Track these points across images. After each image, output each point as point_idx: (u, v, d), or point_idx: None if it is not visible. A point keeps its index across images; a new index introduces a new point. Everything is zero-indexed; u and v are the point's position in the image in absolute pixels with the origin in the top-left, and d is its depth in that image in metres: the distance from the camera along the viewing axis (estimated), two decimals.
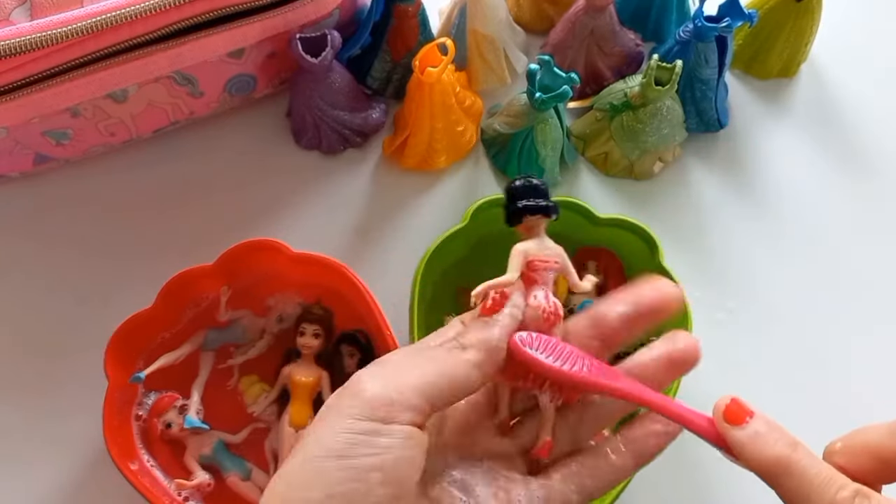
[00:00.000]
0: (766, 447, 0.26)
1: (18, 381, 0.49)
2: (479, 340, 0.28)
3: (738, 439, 0.27)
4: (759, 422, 0.27)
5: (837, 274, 0.53)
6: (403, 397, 0.26)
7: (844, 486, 0.26)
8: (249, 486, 0.45)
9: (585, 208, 0.48)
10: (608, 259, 0.49)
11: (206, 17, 0.46)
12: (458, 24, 0.54)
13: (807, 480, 0.26)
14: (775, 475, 0.26)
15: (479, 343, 0.28)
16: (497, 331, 0.29)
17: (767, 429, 0.27)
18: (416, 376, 0.27)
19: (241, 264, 0.46)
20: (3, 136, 0.48)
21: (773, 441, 0.27)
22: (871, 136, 0.58)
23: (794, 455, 0.26)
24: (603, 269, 0.49)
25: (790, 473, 0.26)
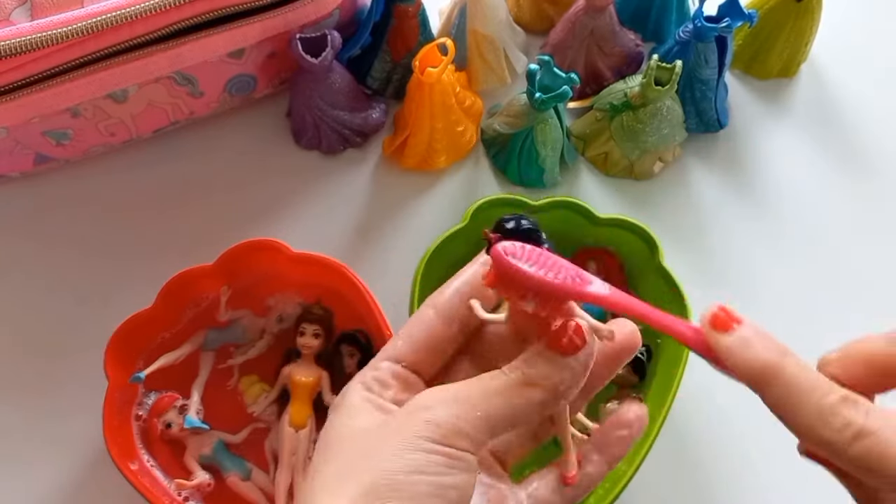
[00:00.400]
0: (755, 353, 0.26)
1: (18, 381, 0.49)
2: (550, 384, 0.27)
3: (726, 346, 0.26)
4: (747, 328, 0.26)
5: (837, 273, 0.53)
6: (473, 430, 0.26)
7: (832, 391, 0.25)
8: (249, 486, 0.45)
9: (585, 208, 0.48)
10: (608, 259, 0.49)
11: (206, 17, 0.46)
12: (458, 24, 0.54)
13: (794, 386, 0.25)
14: (763, 382, 0.26)
15: (549, 386, 0.27)
16: (569, 377, 0.28)
17: (756, 335, 0.26)
18: (483, 409, 0.27)
19: (241, 264, 0.46)
20: (4, 136, 0.48)
21: (762, 348, 0.26)
22: (871, 136, 0.58)
23: (782, 361, 0.26)
24: (603, 270, 0.49)
25: (777, 380, 0.25)
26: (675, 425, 0.47)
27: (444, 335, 0.31)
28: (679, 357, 0.44)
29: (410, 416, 0.27)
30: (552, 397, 0.27)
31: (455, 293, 0.31)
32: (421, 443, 0.26)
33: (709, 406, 0.49)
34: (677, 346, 0.44)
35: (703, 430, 0.48)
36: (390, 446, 0.26)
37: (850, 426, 0.25)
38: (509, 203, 0.48)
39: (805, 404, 0.25)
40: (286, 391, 0.46)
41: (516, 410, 0.27)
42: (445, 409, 0.27)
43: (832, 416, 0.25)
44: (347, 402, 0.29)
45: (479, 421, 0.26)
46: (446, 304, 0.31)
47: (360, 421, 0.28)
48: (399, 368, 0.30)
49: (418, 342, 0.31)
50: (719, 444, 0.48)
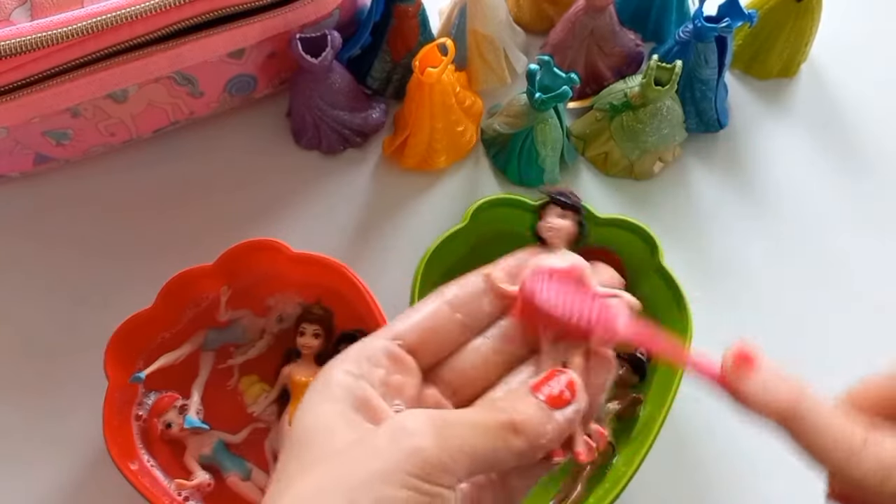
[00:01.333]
0: (776, 396, 0.27)
1: (19, 381, 0.49)
2: (533, 433, 0.27)
3: (748, 391, 0.27)
4: (766, 371, 0.27)
5: (838, 273, 0.53)
6: (456, 466, 0.25)
7: (857, 430, 0.26)
8: (249, 486, 0.45)
9: (585, 208, 0.48)
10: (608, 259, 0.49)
11: (206, 17, 0.46)
12: (458, 24, 0.54)
13: (817, 425, 0.26)
14: (787, 423, 0.26)
15: (531, 436, 0.27)
16: (551, 431, 0.27)
17: (776, 378, 0.27)
18: (469, 446, 0.26)
19: (241, 264, 0.46)
20: (4, 136, 0.48)
21: (784, 390, 0.27)
22: (871, 136, 0.58)
23: (803, 402, 0.26)
24: None
25: (800, 420, 0.26)
26: (675, 425, 0.47)
27: (448, 319, 0.30)
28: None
29: (395, 442, 0.25)
30: (530, 448, 0.27)
31: (468, 284, 0.30)
32: (405, 478, 0.24)
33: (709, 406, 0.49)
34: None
35: (703, 430, 0.48)
36: (370, 473, 0.24)
37: (880, 462, 0.25)
38: (509, 203, 0.48)
39: (830, 443, 0.25)
40: (286, 391, 0.46)
41: (497, 453, 0.26)
42: (433, 439, 0.25)
43: (860, 453, 0.25)
44: (324, 378, 0.28)
45: (464, 457, 0.25)
46: (455, 291, 0.30)
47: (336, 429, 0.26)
48: (395, 347, 0.29)
49: (419, 322, 0.30)
50: (719, 444, 0.48)
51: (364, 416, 0.27)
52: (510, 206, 0.48)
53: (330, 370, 0.28)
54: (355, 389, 0.27)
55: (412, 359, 0.29)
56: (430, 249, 0.46)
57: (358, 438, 0.26)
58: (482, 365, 0.30)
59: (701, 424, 0.48)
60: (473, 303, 0.30)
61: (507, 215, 0.48)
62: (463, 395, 0.30)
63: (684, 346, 0.29)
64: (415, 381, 0.29)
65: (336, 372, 0.28)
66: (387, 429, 0.26)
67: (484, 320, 0.30)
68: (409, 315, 0.30)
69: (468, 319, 0.30)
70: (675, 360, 0.28)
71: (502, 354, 0.30)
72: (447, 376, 0.30)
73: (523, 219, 0.48)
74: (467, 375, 0.30)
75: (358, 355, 0.28)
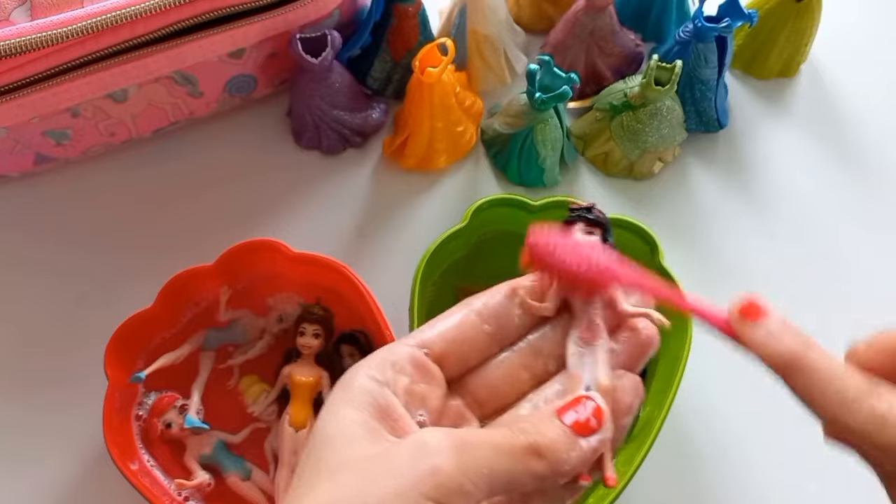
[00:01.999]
0: (780, 344, 0.27)
1: (18, 381, 0.49)
2: (555, 459, 0.26)
3: (752, 337, 0.27)
4: (773, 320, 0.27)
5: (838, 273, 0.53)
6: (475, 488, 0.25)
7: (856, 380, 0.26)
8: (249, 486, 0.45)
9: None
10: None
11: (206, 17, 0.46)
12: (458, 24, 0.54)
13: (819, 376, 0.26)
14: (788, 371, 0.26)
15: (553, 461, 0.26)
16: (574, 458, 0.27)
17: (782, 326, 0.27)
18: (489, 468, 0.25)
19: (241, 264, 0.46)
20: (4, 136, 0.48)
21: (788, 339, 0.27)
22: (871, 136, 0.58)
23: (807, 352, 0.26)
24: None
25: (802, 370, 0.26)
26: (675, 425, 0.47)
27: (476, 330, 0.29)
28: (679, 357, 0.44)
29: (414, 460, 0.25)
30: (552, 473, 0.26)
31: (497, 296, 0.30)
32: (420, 500, 0.24)
33: (709, 406, 0.49)
34: (677, 346, 0.44)
35: (703, 430, 0.48)
36: (387, 492, 0.24)
37: (874, 415, 0.25)
38: (509, 203, 0.48)
39: (830, 393, 0.25)
40: (286, 391, 0.46)
41: (516, 476, 0.26)
42: (452, 459, 0.24)
43: (857, 404, 0.25)
44: (347, 381, 0.27)
45: (482, 480, 0.25)
46: (484, 302, 0.30)
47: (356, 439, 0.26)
48: (421, 355, 0.28)
49: (447, 330, 0.29)
50: (719, 444, 0.48)
51: (385, 425, 0.27)
52: (510, 206, 0.48)
53: (354, 374, 0.28)
54: (378, 397, 0.27)
55: (438, 368, 0.29)
56: (430, 249, 0.46)
57: (378, 452, 0.25)
58: (509, 378, 0.30)
59: (701, 424, 0.48)
60: (503, 315, 0.30)
61: (507, 215, 0.48)
62: (488, 408, 0.30)
63: (688, 293, 0.29)
64: (439, 392, 0.29)
65: (360, 376, 0.27)
66: (407, 445, 0.25)
67: (513, 333, 0.30)
68: (437, 323, 0.29)
69: (497, 331, 0.30)
70: (681, 306, 0.28)
71: (530, 369, 0.30)
72: (473, 388, 0.30)
73: (523, 219, 0.48)
74: (493, 388, 0.30)
75: (383, 361, 0.28)
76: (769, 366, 0.27)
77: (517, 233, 0.48)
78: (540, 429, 0.27)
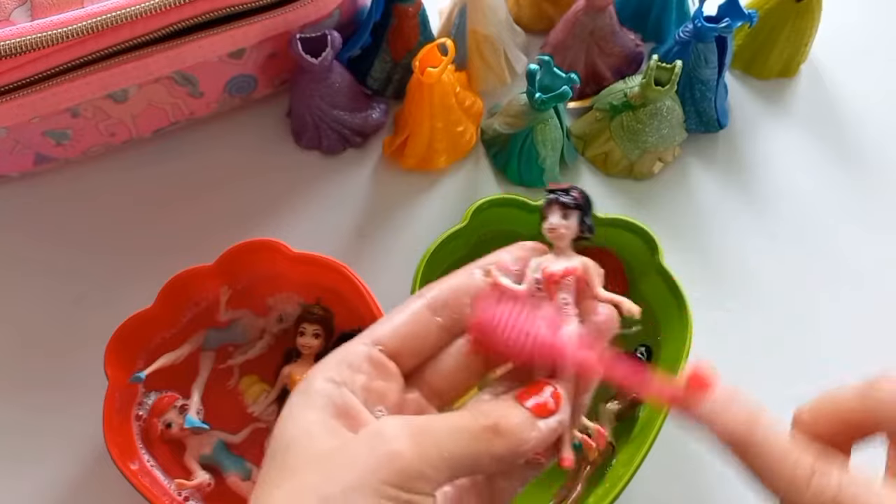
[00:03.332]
0: (726, 421, 0.26)
1: (18, 381, 0.49)
2: (516, 439, 0.27)
3: (700, 413, 0.27)
4: (718, 394, 0.27)
5: (838, 273, 0.53)
6: (435, 472, 0.25)
7: (802, 461, 0.25)
8: (249, 486, 0.45)
9: (590, 203, 0.47)
10: (608, 259, 0.49)
11: (206, 17, 0.46)
12: (458, 24, 0.54)
13: (766, 455, 0.26)
14: (736, 449, 0.26)
15: (514, 441, 0.27)
16: (534, 438, 0.27)
17: (727, 401, 0.27)
18: (448, 451, 0.25)
19: (241, 264, 0.46)
20: (4, 136, 0.48)
21: (735, 415, 0.26)
22: (871, 136, 0.58)
23: (754, 430, 0.26)
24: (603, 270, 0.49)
25: (749, 447, 0.26)
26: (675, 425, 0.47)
27: (427, 322, 0.29)
28: (679, 356, 0.44)
29: (371, 449, 0.25)
30: (512, 453, 0.27)
31: (447, 286, 0.30)
32: (381, 487, 0.24)
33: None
34: (677, 346, 0.44)
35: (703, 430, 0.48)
36: (346, 482, 0.24)
37: (823, 496, 0.25)
38: (509, 203, 0.48)
39: (778, 474, 0.25)
40: (286, 391, 0.46)
41: (477, 454, 0.26)
42: (410, 445, 0.25)
43: (805, 487, 0.25)
44: (305, 386, 0.27)
45: (442, 463, 0.25)
46: (437, 293, 0.30)
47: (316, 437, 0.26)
48: (376, 353, 0.29)
49: (400, 326, 0.29)
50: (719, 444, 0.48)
51: (344, 423, 0.27)
52: (510, 206, 0.48)
53: (311, 378, 0.28)
54: (335, 397, 0.27)
55: (394, 364, 0.29)
56: (430, 249, 0.46)
57: (337, 445, 0.26)
58: (463, 367, 0.30)
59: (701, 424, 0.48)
60: (454, 304, 0.30)
61: (507, 215, 0.48)
62: (446, 398, 0.30)
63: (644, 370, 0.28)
64: (397, 387, 0.29)
65: (317, 380, 0.28)
66: (364, 436, 0.26)
67: (464, 321, 0.30)
68: (389, 319, 0.30)
69: (448, 322, 0.30)
70: (635, 385, 0.28)
71: (481, 355, 0.30)
72: (429, 379, 0.30)
73: (523, 219, 0.48)
74: (449, 378, 0.30)
75: (339, 362, 0.28)
76: (721, 442, 0.27)
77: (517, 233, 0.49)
78: (500, 411, 0.27)
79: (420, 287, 0.45)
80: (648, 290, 0.47)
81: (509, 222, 0.48)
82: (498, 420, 0.27)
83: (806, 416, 0.27)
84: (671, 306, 0.46)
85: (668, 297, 0.46)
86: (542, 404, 0.27)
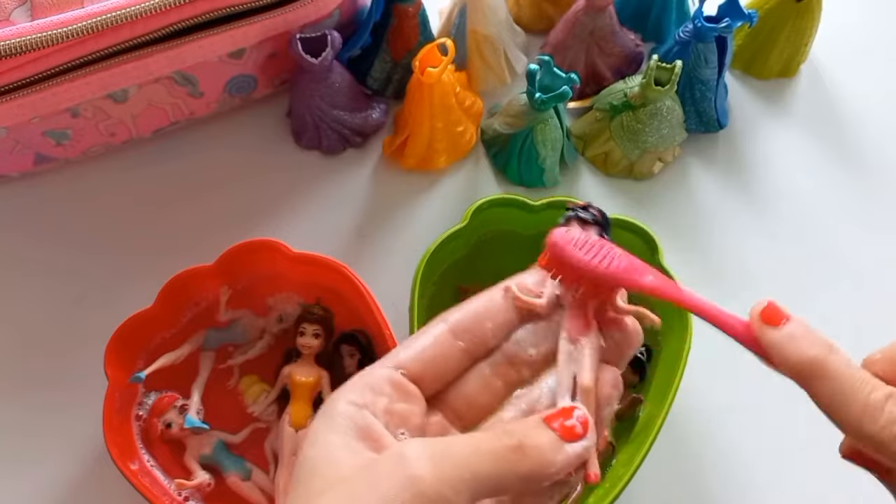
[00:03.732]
0: (802, 349, 0.26)
1: (18, 381, 0.49)
2: (542, 460, 0.26)
3: (774, 340, 0.27)
4: (795, 324, 0.27)
5: (838, 273, 0.53)
6: (456, 495, 0.25)
7: (877, 387, 0.26)
8: (249, 486, 0.45)
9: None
10: None
11: (206, 17, 0.46)
12: (458, 24, 0.54)
13: (840, 382, 0.26)
14: (810, 377, 0.26)
15: (539, 463, 0.26)
16: (560, 461, 0.27)
17: (803, 331, 0.27)
18: (471, 472, 0.25)
19: (240, 264, 0.46)
20: (4, 136, 0.48)
21: (810, 343, 0.26)
22: (871, 136, 0.58)
23: (830, 357, 0.26)
24: None
25: (824, 375, 0.26)
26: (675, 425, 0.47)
27: (450, 346, 0.30)
28: (679, 357, 0.44)
29: (393, 472, 0.25)
30: (537, 474, 0.26)
31: (469, 310, 0.30)
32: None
33: (709, 406, 0.49)
34: (677, 345, 0.44)
35: (703, 430, 0.48)
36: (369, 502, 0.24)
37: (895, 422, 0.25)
38: (509, 203, 0.48)
39: (852, 400, 0.25)
40: (286, 391, 0.46)
41: (501, 474, 0.26)
42: (430, 468, 0.25)
43: (878, 411, 0.25)
44: (328, 409, 0.28)
45: (463, 484, 0.25)
46: (459, 318, 0.30)
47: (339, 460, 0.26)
48: (398, 376, 0.29)
49: (422, 350, 0.29)
50: (719, 444, 0.48)
51: (368, 445, 0.27)
52: (510, 206, 0.48)
53: (334, 402, 0.28)
54: (358, 419, 0.27)
55: (416, 387, 0.29)
56: (430, 249, 0.46)
57: (359, 468, 0.26)
58: (485, 390, 0.30)
59: (701, 424, 0.48)
60: (475, 328, 0.30)
61: (507, 215, 0.48)
62: (469, 420, 0.30)
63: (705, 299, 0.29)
64: (419, 410, 0.29)
65: (339, 403, 0.28)
66: (386, 458, 0.26)
67: (486, 344, 0.30)
68: (412, 343, 0.30)
69: (470, 346, 0.30)
70: (698, 311, 0.28)
71: (504, 377, 0.30)
72: (452, 402, 0.30)
73: (523, 219, 0.48)
74: (471, 400, 0.30)
75: (362, 385, 0.28)
76: (789, 372, 0.27)
77: (517, 233, 0.49)
78: (526, 430, 0.27)
79: (420, 287, 0.45)
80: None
81: (509, 222, 0.48)
82: (523, 439, 0.26)
83: (878, 358, 0.27)
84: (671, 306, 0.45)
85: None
86: (570, 428, 0.27)
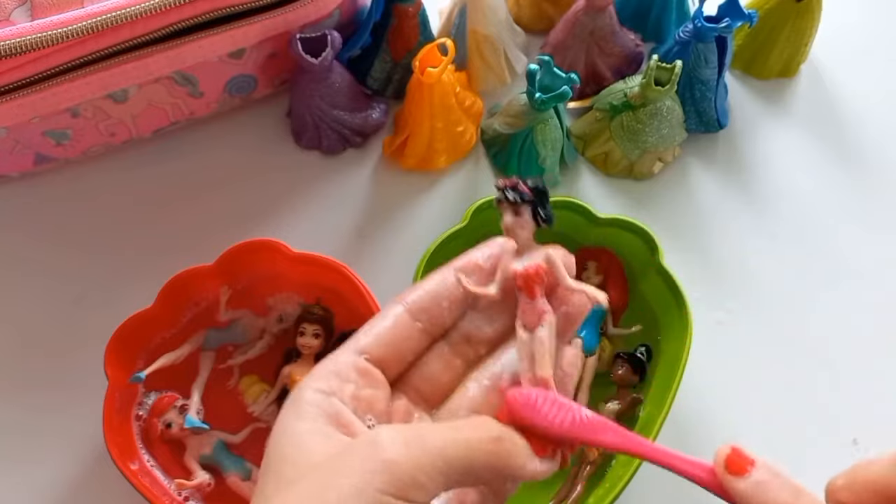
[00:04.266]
0: (769, 498, 0.26)
1: (18, 381, 0.49)
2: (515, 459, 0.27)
3: (741, 491, 0.27)
4: (760, 470, 0.27)
5: (838, 273, 0.53)
6: (430, 481, 0.25)
7: None
8: (249, 486, 0.45)
9: (585, 208, 0.48)
10: (608, 259, 0.49)
11: (206, 17, 0.46)
12: (458, 24, 0.54)
13: None
14: None
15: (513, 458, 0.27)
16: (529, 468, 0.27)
17: (770, 476, 0.26)
18: (444, 459, 0.25)
19: (240, 264, 0.46)
20: (4, 135, 0.48)
21: (777, 489, 0.26)
22: (871, 136, 0.58)
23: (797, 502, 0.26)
24: (603, 270, 0.49)
25: None
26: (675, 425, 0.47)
27: (408, 328, 0.30)
28: (679, 357, 0.44)
29: (367, 458, 0.25)
30: (508, 466, 0.27)
31: (424, 291, 0.30)
32: (377, 496, 0.24)
33: (709, 406, 0.49)
34: (677, 346, 0.44)
35: (703, 429, 0.48)
36: (342, 492, 0.24)
37: None
38: None
39: None
40: (286, 391, 0.46)
41: (474, 467, 0.26)
42: (405, 453, 0.25)
43: None
44: (295, 398, 0.28)
45: (436, 470, 0.25)
46: (415, 298, 0.30)
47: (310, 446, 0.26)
48: (362, 362, 0.29)
49: (382, 333, 0.30)
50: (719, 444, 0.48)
51: (339, 430, 0.27)
52: None
53: (301, 390, 0.28)
54: (326, 406, 0.27)
55: (379, 371, 0.29)
56: (429, 249, 0.46)
57: (332, 454, 0.26)
58: (446, 368, 0.31)
59: (701, 424, 0.48)
60: (432, 307, 0.30)
61: None
62: (433, 400, 0.31)
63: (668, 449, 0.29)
64: (384, 394, 0.29)
65: (307, 391, 0.28)
66: (359, 444, 0.26)
67: (444, 323, 0.31)
68: (371, 327, 0.30)
69: (428, 325, 0.30)
70: (661, 462, 0.28)
71: (463, 356, 0.31)
72: (415, 384, 0.30)
73: None
74: (433, 381, 0.30)
75: (327, 373, 0.28)
76: None
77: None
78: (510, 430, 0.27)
79: None
80: (648, 290, 0.47)
81: None
82: (502, 434, 0.27)
83: (840, 485, 0.27)
84: (671, 306, 0.46)
85: (668, 297, 0.46)
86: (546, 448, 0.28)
